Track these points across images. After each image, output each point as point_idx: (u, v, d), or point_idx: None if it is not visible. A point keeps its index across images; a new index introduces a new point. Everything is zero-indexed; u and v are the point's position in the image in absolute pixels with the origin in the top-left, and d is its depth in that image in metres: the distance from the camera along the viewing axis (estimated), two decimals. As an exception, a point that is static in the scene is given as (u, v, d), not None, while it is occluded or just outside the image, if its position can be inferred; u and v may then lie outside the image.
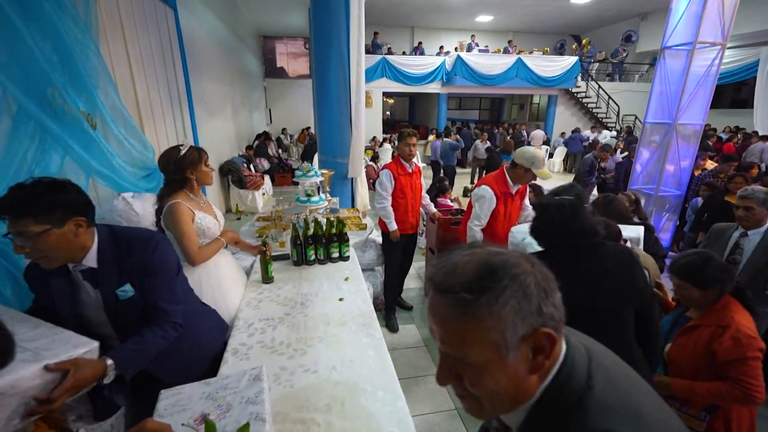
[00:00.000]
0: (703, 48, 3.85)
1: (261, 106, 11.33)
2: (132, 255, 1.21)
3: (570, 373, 0.54)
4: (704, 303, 1.48)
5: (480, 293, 0.50)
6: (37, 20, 1.50)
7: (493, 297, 0.49)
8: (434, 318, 0.54)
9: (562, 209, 1.33)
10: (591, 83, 12.78)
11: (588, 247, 1.33)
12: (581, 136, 10.56)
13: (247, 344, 1.52)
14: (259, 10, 8.37)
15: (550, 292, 0.53)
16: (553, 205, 1.36)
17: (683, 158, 4.21)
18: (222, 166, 6.08)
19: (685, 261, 1.48)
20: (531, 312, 0.50)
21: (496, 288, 0.49)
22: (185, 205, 1.65)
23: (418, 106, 18.54)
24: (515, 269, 0.51)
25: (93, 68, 1.77)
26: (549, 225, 1.35)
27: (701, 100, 4.01)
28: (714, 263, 1.44)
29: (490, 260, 0.52)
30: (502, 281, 0.50)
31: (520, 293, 0.50)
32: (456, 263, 0.54)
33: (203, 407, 1.01)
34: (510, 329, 0.49)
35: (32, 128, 1.48)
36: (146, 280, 1.21)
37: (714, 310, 1.46)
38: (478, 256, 0.54)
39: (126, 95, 2.45)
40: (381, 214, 2.84)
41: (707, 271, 1.42)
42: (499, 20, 13.05)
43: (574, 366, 0.55)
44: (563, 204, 1.35)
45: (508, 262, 0.52)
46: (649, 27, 12.19)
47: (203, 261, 1.68)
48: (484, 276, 0.51)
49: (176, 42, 3.63)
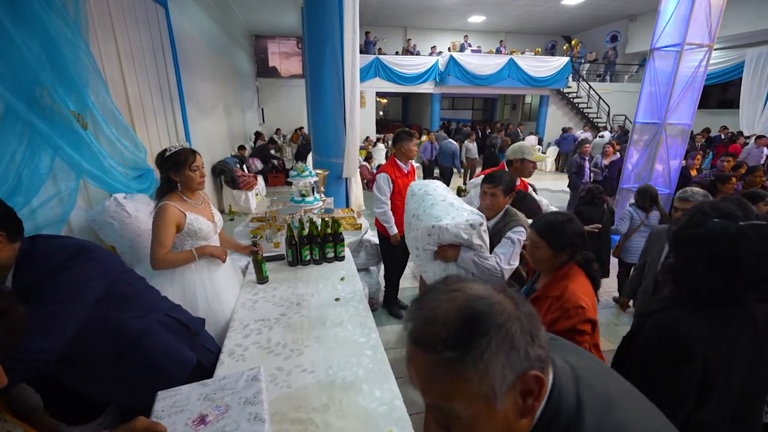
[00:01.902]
0: (690, 49, 3.93)
1: (253, 106, 11.25)
2: (27, 272, 1.04)
3: (558, 405, 0.53)
4: (551, 267, 1.40)
5: (465, 351, 0.47)
6: (25, 18, 1.47)
7: (478, 354, 0.47)
8: (416, 373, 0.51)
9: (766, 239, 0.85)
10: (582, 83, 12.94)
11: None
12: (573, 136, 10.68)
13: (243, 345, 1.51)
14: (251, 9, 8.30)
15: (536, 333, 0.51)
16: (754, 235, 0.85)
17: (672, 157, 4.29)
18: (214, 167, 6.02)
19: (549, 218, 1.41)
20: (519, 359, 0.48)
21: (481, 343, 0.47)
22: (174, 207, 1.63)
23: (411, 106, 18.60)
24: (500, 317, 0.48)
25: (83, 67, 1.74)
26: (753, 270, 0.84)
27: (689, 100, 4.10)
28: (574, 226, 1.38)
29: (472, 306, 0.49)
30: (487, 334, 0.47)
31: (506, 345, 0.47)
32: (436, 313, 0.50)
33: (201, 408, 1.01)
34: (498, 381, 0.47)
35: (21, 128, 1.45)
36: (29, 300, 0.99)
37: (555, 279, 1.38)
38: (460, 301, 0.50)
39: (117, 95, 2.42)
40: (381, 219, 2.82)
41: (566, 232, 1.35)
42: (492, 21, 13.14)
43: (562, 395, 0.54)
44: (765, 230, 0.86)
45: (491, 308, 0.49)
46: (638, 28, 12.39)
47: (164, 268, 1.63)
48: (467, 329, 0.48)
49: (167, 41, 3.58)
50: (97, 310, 1.14)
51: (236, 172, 6.30)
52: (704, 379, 0.91)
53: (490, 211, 1.92)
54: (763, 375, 0.97)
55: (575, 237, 1.36)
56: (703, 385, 0.92)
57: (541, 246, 1.40)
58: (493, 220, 1.93)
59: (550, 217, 1.42)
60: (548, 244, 1.38)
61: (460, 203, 1.86)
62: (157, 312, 1.35)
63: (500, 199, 1.88)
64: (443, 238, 1.73)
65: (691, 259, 0.93)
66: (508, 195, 1.90)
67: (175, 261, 1.65)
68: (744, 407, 0.98)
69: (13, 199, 1.38)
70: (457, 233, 1.69)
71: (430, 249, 1.82)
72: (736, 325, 0.92)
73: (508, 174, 1.94)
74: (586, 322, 1.26)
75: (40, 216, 1.53)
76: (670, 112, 4.07)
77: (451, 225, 1.69)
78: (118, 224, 1.91)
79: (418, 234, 1.83)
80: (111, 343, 1.19)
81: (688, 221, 0.95)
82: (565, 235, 1.35)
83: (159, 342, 1.30)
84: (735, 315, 0.93)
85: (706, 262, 0.90)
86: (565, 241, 1.36)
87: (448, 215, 1.75)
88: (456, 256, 1.77)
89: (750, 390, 0.97)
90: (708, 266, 0.89)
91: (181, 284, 1.69)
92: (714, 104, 12.35)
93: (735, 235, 0.86)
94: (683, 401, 0.93)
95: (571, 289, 1.30)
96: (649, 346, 0.97)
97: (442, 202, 1.83)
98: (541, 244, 1.40)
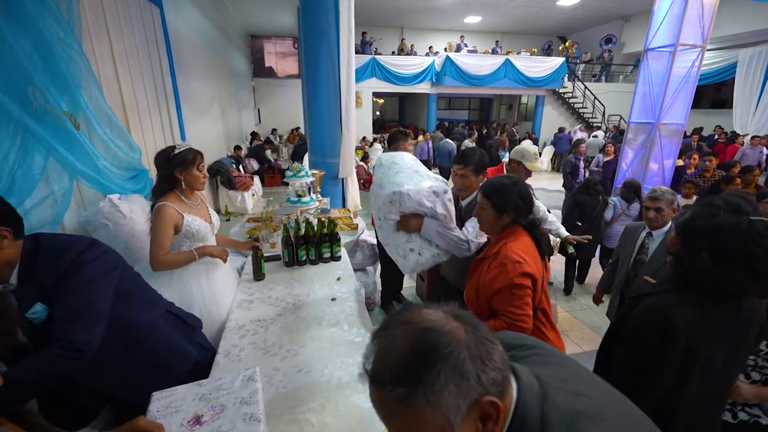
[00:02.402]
0: (684, 50, 3.97)
1: (249, 106, 11.21)
2: (46, 268, 1.07)
3: (522, 425, 0.53)
4: (494, 229, 1.42)
5: (415, 386, 0.48)
6: (17, 17, 1.45)
7: (428, 387, 0.47)
8: (377, 411, 0.53)
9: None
10: (577, 84, 13.02)
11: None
12: (569, 136, 10.74)
13: (239, 346, 1.51)
14: (247, 9, 8.27)
15: (487, 357, 0.50)
16: (763, 229, 0.87)
17: (666, 156, 4.33)
18: (210, 167, 5.99)
19: (495, 181, 1.42)
20: (471, 387, 0.48)
21: (429, 376, 0.47)
22: (172, 208, 1.62)
23: (407, 106, 18.60)
24: (447, 348, 0.48)
25: (76, 67, 1.72)
26: (760, 263, 0.87)
27: (683, 100, 4.14)
28: (520, 189, 1.37)
29: (421, 340, 0.50)
30: (435, 366, 0.47)
31: (456, 375, 0.48)
32: (388, 349, 0.51)
33: (197, 408, 1.00)
34: (453, 411, 0.48)
35: (14, 129, 1.44)
36: (57, 296, 1.06)
37: (497, 240, 1.40)
38: (410, 335, 0.51)
39: (111, 95, 2.40)
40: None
41: (510, 194, 1.36)
42: (488, 21, 13.18)
43: (526, 415, 0.54)
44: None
45: (439, 339, 0.49)
46: (632, 29, 12.49)
47: (164, 269, 1.63)
48: (416, 363, 0.48)
49: (162, 41, 3.56)
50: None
51: (232, 172, 6.28)
52: (685, 361, 0.96)
53: (463, 191, 1.91)
54: (740, 364, 1.04)
55: (519, 200, 1.36)
56: (684, 368, 0.97)
57: (486, 207, 1.40)
58: (468, 198, 1.92)
59: (496, 180, 1.42)
60: (492, 206, 1.38)
61: (426, 172, 1.78)
62: (158, 307, 1.39)
63: (471, 179, 1.86)
64: (405, 205, 1.64)
65: (698, 251, 0.93)
66: (480, 174, 1.87)
67: (175, 262, 1.64)
68: (721, 392, 1.06)
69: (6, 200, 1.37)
70: (419, 200, 1.62)
71: (392, 219, 1.72)
72: (722, 315, 0.96)
73: (478, 151, 1.90)
74: (524, 276, 1.25)
75: (33, 217, 1.52)
76: (664, 112, 4.11)
77: (413, 191, 1.62)
78: (113, 225, 1.90)
79: (380, 203, 1.76)
80: (117, 338, 1.22)
81: (698, 213, 0.96)
82: (508, 197, 1.35)
83: (162, 337, 1.34)
84: (723, 305, 0.96)
85: (713, 254, 0.90)
86: (508, 203, 1.36)
87: (410, 181, 1.66)
88: (419, 226, 1.69)
89: (728, 377, 1.03)
90: (714, 259, 0.90)
91: (178, 285, 1.68)
92: (707, 104, 12.47)
93: (746, 229, 0.87)
94: (663, 380, 0.98)
95: (509, 246, 1.31)
96: (639, 326, 1.02)
97: (408, 170, 1.74)
98: (486, 205, 1.40)
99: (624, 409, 0.61)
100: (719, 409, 1.11)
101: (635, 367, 1.01)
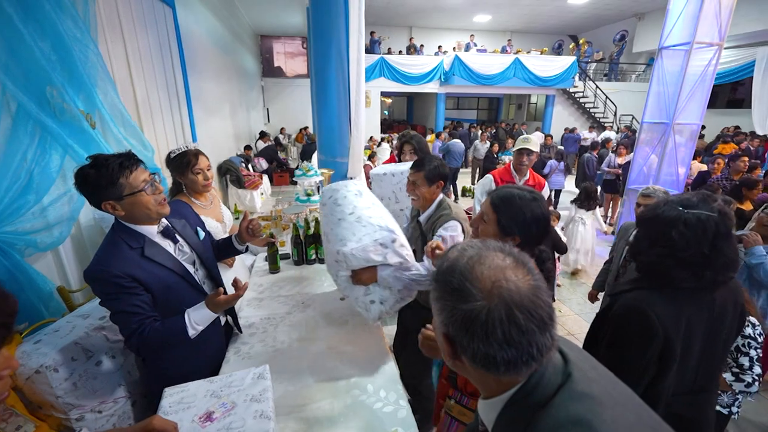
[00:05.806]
0: (700, 48, 3.88)
1: (258, 106, 11.31)
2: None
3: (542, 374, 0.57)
4: (428, 199, 1.62)
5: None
6: (36, 19, 1.49)
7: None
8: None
9: (705, 232, 0.95)
10: (588, 83, 12.83)
11: (723, 285, 1.01)
12: (576, 136, 10.59)
13: (248, 343, 1.52)
14: (256, 9, 8.34)
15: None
16: (693, 223, 0.96)
17: (681, 157, 4.24)
18: (220, 166, 6.06)
19: (513, 192, 1.17)
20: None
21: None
22: None
23: (416, 105, 18.54)
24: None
25: (92, 67, 1.76)
26: (681, 251, 0.96)
27: (698, 100, 4.04)
28: (536, 207, 1.12)
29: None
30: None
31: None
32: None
33: (208, 405, 1.01)
34: None
35: (32, 127, 1.47)
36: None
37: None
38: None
39: (125, 94, 2.44)
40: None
41: (524, 214, 1.11)
42: (497, 20, 13.06)
43: (543, 378, 0.56)
44: (706, 222, 0.95)
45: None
46: (645, 27, 12.24)
47: None
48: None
49: (175, 41, 3.61)
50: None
51: (241, 171, 6.33)
52: (663, 352, 1.01)
53: (417, 202, 1.68)
54: (718, 351, 1.09)
55: (533, 224, 1.11)
56: (663, 359, 1.02)
57: (490, 221, 1.15)
58: (426, 212, 1.68)
59: (513, 190, 1.16)
60: (496, 221, 1.13)
61: (369, 216, 1.49)
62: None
63: (422, 188, 1.62)
64: (352, 264, 1.41)
65: (641, 237, 1.09)
66: (433, 184, 1.62)
67: None
68: (700, 380, 1.09)
69: (24, 197, 1.41)
70: (366, 257, 1.37)
71: (344, 275, 1.49)
72: (695, 305, 1.02)
73: (437, 160, 1.66)
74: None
75: (50, 214, 1.55)
76: (679, 112, 4.02)
77: (357, 249, 1.37)
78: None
79: (329, 259, 1.58)
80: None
81: (653, 207, 1.09)
82: (521, 216, 1.11)
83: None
84: (695, 296, 1.02)
85: (648, 239, 1.05)
86: (517, 224, 1.11)
87: (354, 236, 1.42)
88: (374, 278, 1.43)
89: (705, 365, 1.08)
90: (650, 244, 1.04)
91: None
92: (723, 104, 12.18)
93: (674, 220, 0.99)
94: (645, 372, 1.03)
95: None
96: (618, 322, 1.07)
97: (350, 216, 1.49)
98: (490, 219, 1.15)
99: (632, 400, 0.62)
100: (707, 400, 1.14)
101: (618, 361, 1.03)
